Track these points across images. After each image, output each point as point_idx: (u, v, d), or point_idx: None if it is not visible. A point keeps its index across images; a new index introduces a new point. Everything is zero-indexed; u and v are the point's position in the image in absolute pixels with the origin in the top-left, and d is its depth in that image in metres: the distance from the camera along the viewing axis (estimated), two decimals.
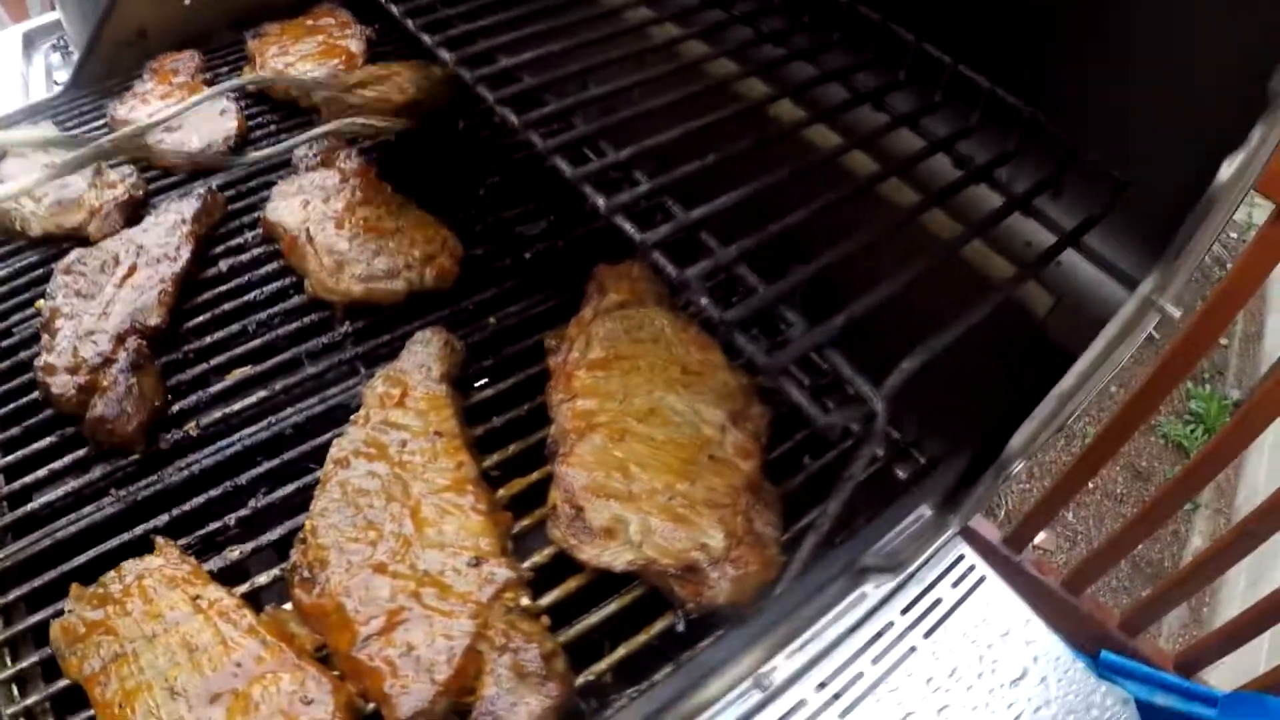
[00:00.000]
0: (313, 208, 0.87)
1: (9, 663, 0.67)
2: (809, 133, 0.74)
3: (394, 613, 0.60)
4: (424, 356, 0.74)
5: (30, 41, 1.36)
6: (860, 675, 0.64)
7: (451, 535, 0.63)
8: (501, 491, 0.70)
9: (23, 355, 0.85)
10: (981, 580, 0.73)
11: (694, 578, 0.63)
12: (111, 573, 0.66)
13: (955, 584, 0.73)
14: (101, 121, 1.10)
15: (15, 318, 0.88)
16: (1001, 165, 0.65)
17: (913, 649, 0.67)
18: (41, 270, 0.93)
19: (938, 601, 0.71)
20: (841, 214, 0.62)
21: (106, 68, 1.16)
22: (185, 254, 0.87)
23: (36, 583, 0.69)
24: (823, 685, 0.63)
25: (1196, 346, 1.36)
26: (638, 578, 0.65)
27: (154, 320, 0.82)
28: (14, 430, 0.80)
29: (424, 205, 0.91)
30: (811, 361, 0.78)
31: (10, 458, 0.77)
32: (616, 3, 0.81)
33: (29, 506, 0.75)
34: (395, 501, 0.66)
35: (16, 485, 0.75)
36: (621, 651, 0.63)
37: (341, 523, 0.65)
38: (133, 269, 0.86)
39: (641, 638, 0.64)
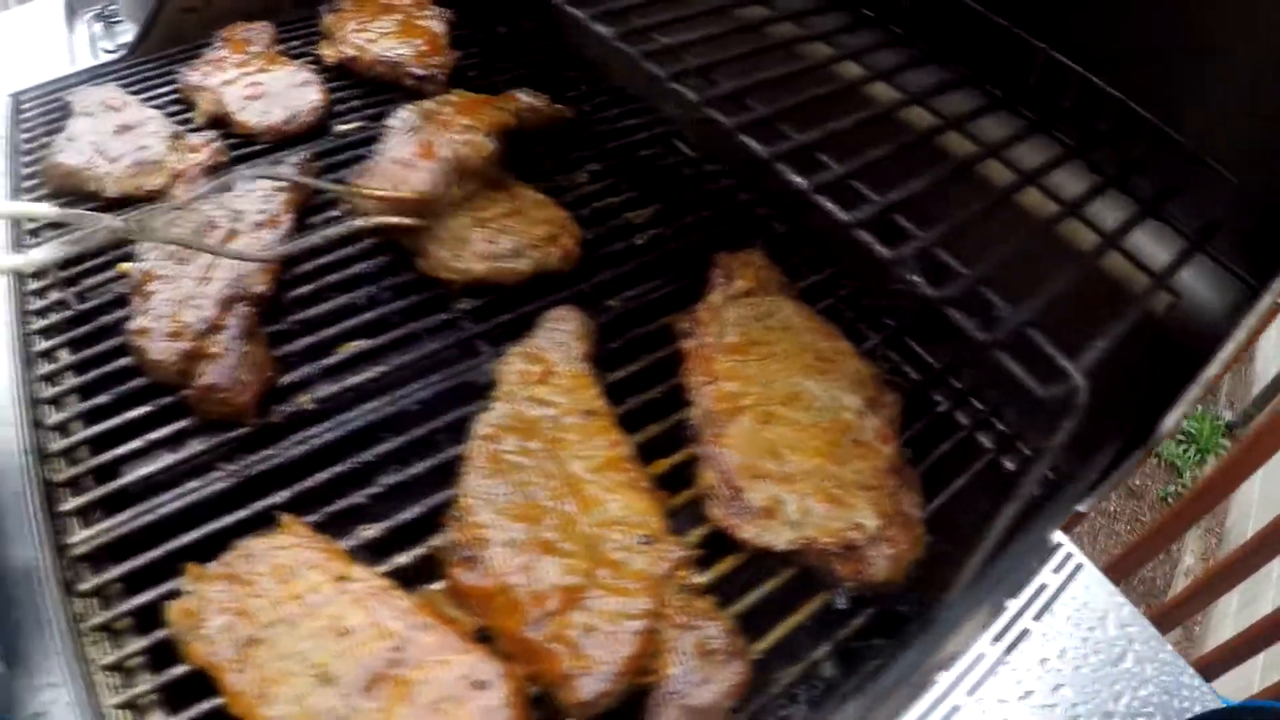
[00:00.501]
0: None
1: (109, 649, 0.62)
2: (945, 139, 0.78)
3: (568, 592, 0.58)
4: (563, 335, 0.73)
5: (72, 10, 1.31)
6: (982, 656, 0.67)
7: (618, 513, 0.63)
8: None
9: (104, 319, 0.80)
10: (1080, 567, 0.78)
11: (853, 556, 0.65)
12: (236, 551, 0.62)
13: (1056, 569, 0.78)
14: (171, 88, 1.06)
15: (91, 280, 0.83)
16: (1134, 173, 0.71)
17: (1026, 631, 0.71)
18: None
19: (1043, 586, 0.76)
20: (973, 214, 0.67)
21: (168, 34, 1.13)
22: (287, 220, 0.84)
23: (139, 561, 0.64)
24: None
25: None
26: (795, 558, 0.66)
27: (260, 288, 0.78)
28: (102, 397, 0.75)
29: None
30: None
31: (99, 427, 0.72)
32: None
33: (122, 480, 0.70)
34: (554, 479, 0.64)
35: (106, 457, 0.70)
36: (780, 631, 0.64)
37: (498, 500, 0.63)
38: (232, 234, 0.82)
39: (797, 618, 0.65)
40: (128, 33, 1.35)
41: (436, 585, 0.62)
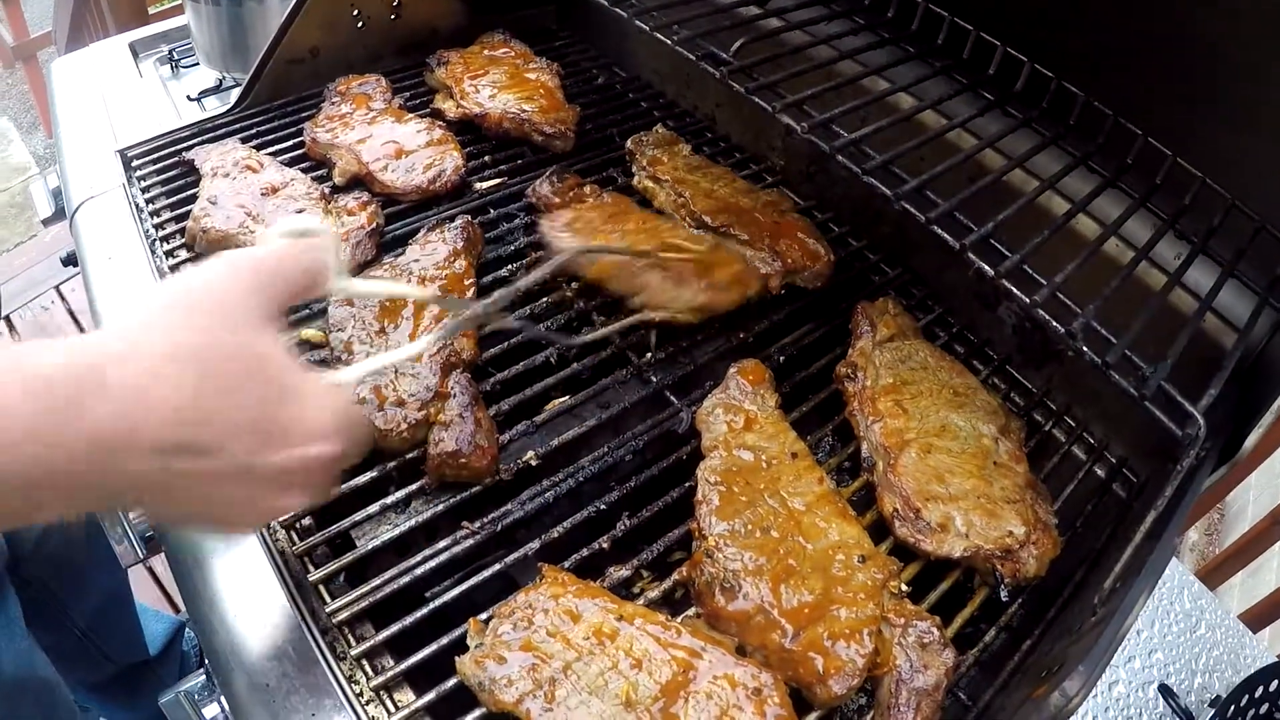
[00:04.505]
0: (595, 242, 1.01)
1: (391, 708, 0.72)
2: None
3: (812, 607, 0.77)
4: (753, 387, 0.92)
5: (135, 53, 1.36)
6: None
7: (836, 538, 0.82)
8: None
9: None
10: None
11: (1009, 558, 0.87)
12: (519, 599, 0.77)
13: None
14: (293, 143, 1.16)
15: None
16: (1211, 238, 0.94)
17: None
18: None
19: None
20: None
21: (272, 87, 1.22)
22: (471, 284, 0.98)
23: (407, 621, 0.75)
24: None
25: None
26: (963, 563, 0.87)
27: (467, 354, 0.92)
28: None
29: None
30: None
31: None
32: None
33: (370, 546, 0.81)
34: (779, 515, 0.83)
35: (341, 525, 0.80)
36: (959, 621, 0.85)
37: (740, 537, 0.81)
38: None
39: (970, 608, 0.86)
40: (197, 75, 1.42)
41: (690, 612, 0.80)
